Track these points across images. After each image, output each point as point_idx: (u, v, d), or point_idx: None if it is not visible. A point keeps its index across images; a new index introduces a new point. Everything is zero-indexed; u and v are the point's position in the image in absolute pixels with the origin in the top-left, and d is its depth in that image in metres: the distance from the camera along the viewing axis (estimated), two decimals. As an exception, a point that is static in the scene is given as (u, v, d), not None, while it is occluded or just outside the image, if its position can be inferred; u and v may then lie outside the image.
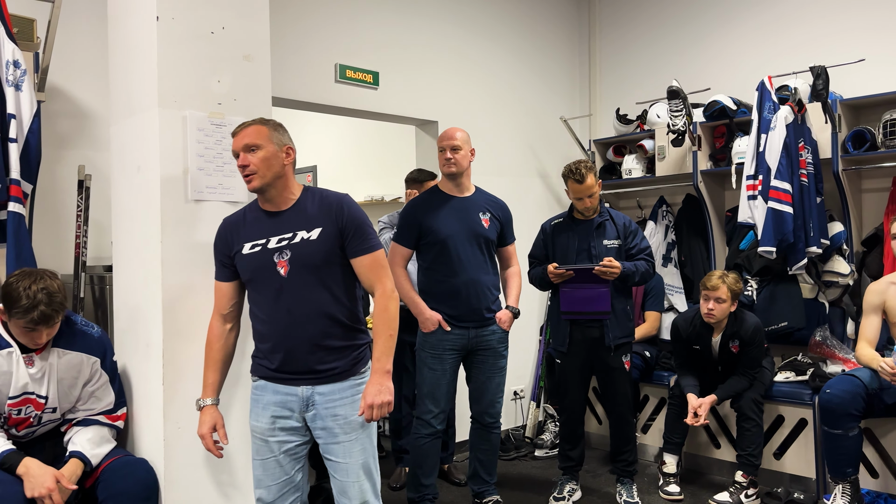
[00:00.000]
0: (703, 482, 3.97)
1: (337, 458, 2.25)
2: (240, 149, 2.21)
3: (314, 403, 2.24)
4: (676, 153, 4.51)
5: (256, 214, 2.29)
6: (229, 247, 2.28)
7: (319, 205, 2.25)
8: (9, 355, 2.37)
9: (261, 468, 2.30)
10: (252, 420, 2.32)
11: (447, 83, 4.56)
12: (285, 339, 2.22)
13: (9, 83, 2.66)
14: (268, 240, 2.22)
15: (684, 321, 3.84)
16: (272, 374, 2.26)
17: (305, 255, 2.19)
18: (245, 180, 2.22)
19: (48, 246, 3.11)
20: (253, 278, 2.24)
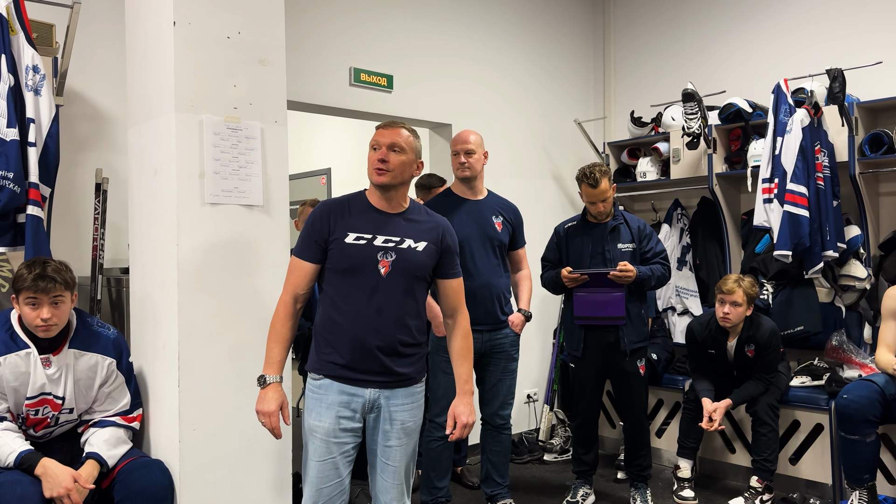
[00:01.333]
0: (718, 487, 3.94)
1: (388, 460, 2.29)
2: (385, 144, 2.24)
3: (379, 406, 2.26)
4: (691, 156, 4.49)
5: (365, 208, 2.29)
6: (330, 230, 2.25)
7: (428, 222, 2.35)
8: (27, 356, 2.40)
9: (317, 470, 2.23)
10: (313, 420, 2.25)
11: (461, 86, 4.57)
12: (368, 337, 2.21)
13: (28, 88, 2.70)
14: (374, 236, 2.24)
15: (699, 325, 3.82)
16: (340, 370, 2.22)
17: (409, 263, 2.25)
18: (377, 172, 2.24)
19: (66, 248, 3.14)
20: (350, 269, 2.23)
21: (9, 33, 2.65)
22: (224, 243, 2.63)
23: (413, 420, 2.33)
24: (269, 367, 2.25)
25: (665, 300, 4.66)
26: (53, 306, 2.37)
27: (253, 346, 2.66)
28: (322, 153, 6.49)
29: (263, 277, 2.72)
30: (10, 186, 2.61)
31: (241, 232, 2.68)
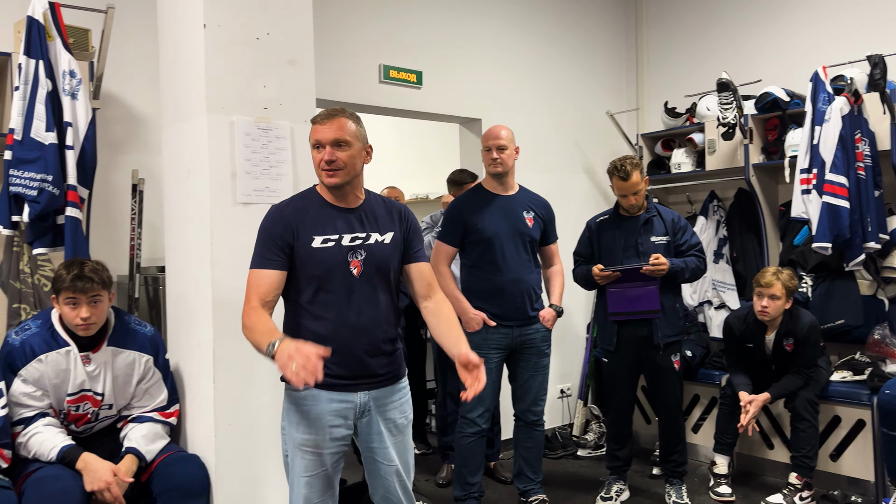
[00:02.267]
0: (756, 483, 3.88)
1: (387, 461, 2.22)
2: (327, 142, 2.08)
3: (370, 409, 2.17)
4: (727, 146, 4.41)
5: (322, 207, 2.16)
6: (292, 234, 2.10)
7: (386, 209, 2.24)
8: (67, 353, 2.47)
9: (308, 486, 2.13)
10: (301, 434, 2.12)
11: (490, 80, 4.55)
12: (353, 342, 2.11)
13: (65, 92, 2.76)
14: (341, 236, 2.12)
15: (737, 319, 3.76)
16: (330, 380, 2.07)
17: (379, 258, 2.15)
18: (327, 174, 2.10)
19: (105, 248, 3.21)
20: (322, 275, 2.11)
21: (46, 39, 2.72)
22: (256, 242, 2.67)
23: (403, 416, 2.25)
24: (269, 337, 1.94)
25: (701, 294, 4.59)
26: (92, 305, 2.43)
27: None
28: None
29: (295, 275, 2.74)
30: (50, 189, 2.68)
31: (273, 230, 2.70)
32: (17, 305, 2.89)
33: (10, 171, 2.68)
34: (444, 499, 3.63)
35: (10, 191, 2.69)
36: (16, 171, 2.67)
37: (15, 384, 2.42)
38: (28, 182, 2.67)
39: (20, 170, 2.67)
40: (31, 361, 2.42)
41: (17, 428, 2.42)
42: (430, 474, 4.15)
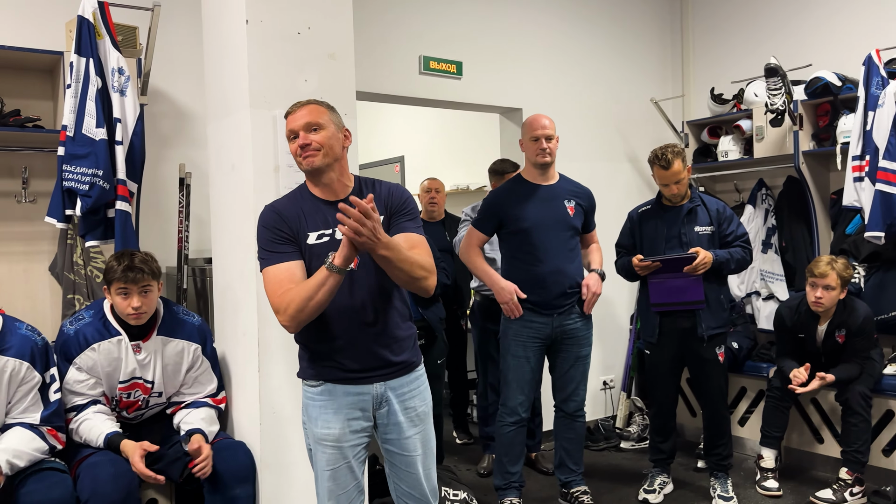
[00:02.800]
0: (805, 478, 3.80)
1: (408, 451, 2.17)
2: (300, 128, 2.05)
3: (387, 399, 2.13)
4: (776, 133, 4.30)
5: (313, 203, 2.11)
6: (294, 230, 2.06)
7: (375, 193, 2.14)
8: (119, 342, 2.56)
9: (332, 479, 2.11)
10: (320, 429, 2.11)
11: (531, 69, 4.52)
12: (361, 335, 2.08)
13: (114, 89, 2.84)
14: (333, 230, 2.06)
15: (788, 309, 3.68)
16: (343, 374, 2.08)
17: None
18: (305, 160, 2.05)
19: (154, 240, 3.31)
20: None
21: (96, 38, 2.80)
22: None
23: (423, 404, 2.20)
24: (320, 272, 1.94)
25: (749, 284, 4.50)
26: (142, 295, 2.51)
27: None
28: (395, 141, 6.57)
29: (336, 267, 2.78)
30: (100, 183, 2.77)
31: (314, 223, 2.74)
32: (71, 296, 3.01)
33: (63, 167, 2.77)
34: (485, 488, 3.65)
35: (63, 185, 2.78)
36: (68, 166, 2.77)
37: (70, 372, 2.52)
38: (80, 177, 2.76)
39: (72, 165, 2.76)
40: (84, 350, 2.52)
41: (71, 414, 2.52)
42: (472, 464, 4.17)
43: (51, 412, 2.42)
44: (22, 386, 2.37)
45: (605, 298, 4.76)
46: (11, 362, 2.34)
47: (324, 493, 2.14)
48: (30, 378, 2.38)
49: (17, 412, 2.38)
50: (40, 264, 3.21)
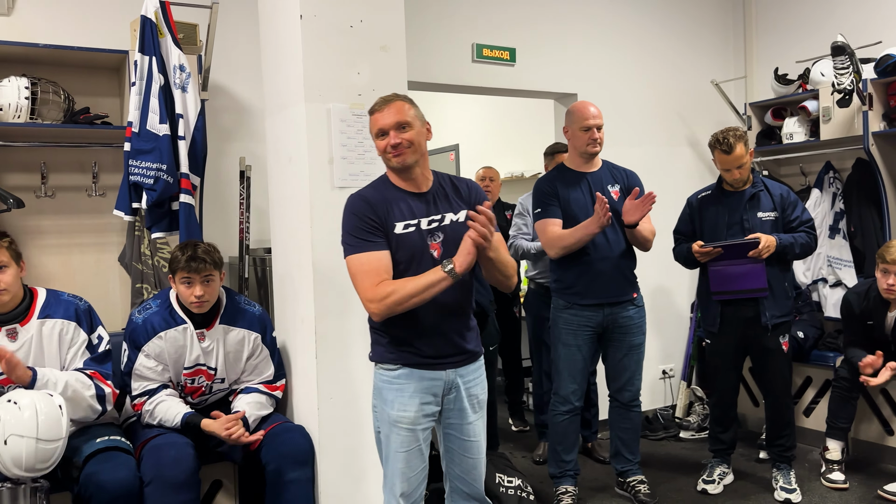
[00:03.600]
0: (873, 471, 3.67)
1: (471, 436, 2.26)
2: (390, 127, 2.13)
3: (457, 386, 2.22)
4: (843, 114, 4.13)
5: (397, 194, 2.18)
6: (382, 220, 2.13)
7: (454, 187, 2.25)
8: (184, 331, 2.66)
9: (404, 461, 2.19)
10: (396, 411, 2.18)
11: (585, 53, 4.46)
12: (441, 323, 2.17)
13: (176, 86, 2.95)
14: (419, 220, 2.16)
15: (856, 296, 3.56)
16: (418, 359, 2.17)
17: (457, 237, 2.13)
18: (396, 158, 2.13)
19: (217, 231, 3.42)
20: (407, 260, 2.14)
21: (158, 36, 2.91)
22: (353, 224, 2.76)
23: (484, 392, 2.31)
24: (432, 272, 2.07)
25: (815, 271, 4.36)
26: (205, 284, 2.61)
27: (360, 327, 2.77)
28: (449, 130, 6.57)
29: (390, 256, 2.81)
30: (164, 177, 2.88)
31: (368, 213, 2.79)
32: (139, 285, 3.14)
33: (130, 162, 2.89)
34: (540, 476, 3.65)
35: (129, 180, 2.91)
36: (134, 161, 2.89)
37: (139, 359, 2.64)
38: (145, 171, 2.88)
39: (138, 160, 2.88)
40: (152, 338, 2.64)
41: (143, 398, 2.65)
42: (527, 451, 4.18)
43: (94, 358, 2.59)
44: (72, 347, 2.56)
45: (664, 287, 4.70)
46: (60, 323, 2.54)
47: (396, 474, 2.20)
48: (77, 338, 2.57)
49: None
50: (110, 255, 3.36)
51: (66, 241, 3.31)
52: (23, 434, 2.16)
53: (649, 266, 4.37)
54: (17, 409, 2.19)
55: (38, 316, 2.51)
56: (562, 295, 3.26)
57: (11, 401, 2.22)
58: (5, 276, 2.42)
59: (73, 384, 2.46)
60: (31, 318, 2.50)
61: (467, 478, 2.30)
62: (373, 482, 2.79)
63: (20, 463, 2.18)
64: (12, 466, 2.18)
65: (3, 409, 2.20)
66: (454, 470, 2.30)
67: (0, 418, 2.19)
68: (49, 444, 2.21)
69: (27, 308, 2.51)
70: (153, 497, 2.40)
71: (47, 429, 2.20)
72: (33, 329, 2.49)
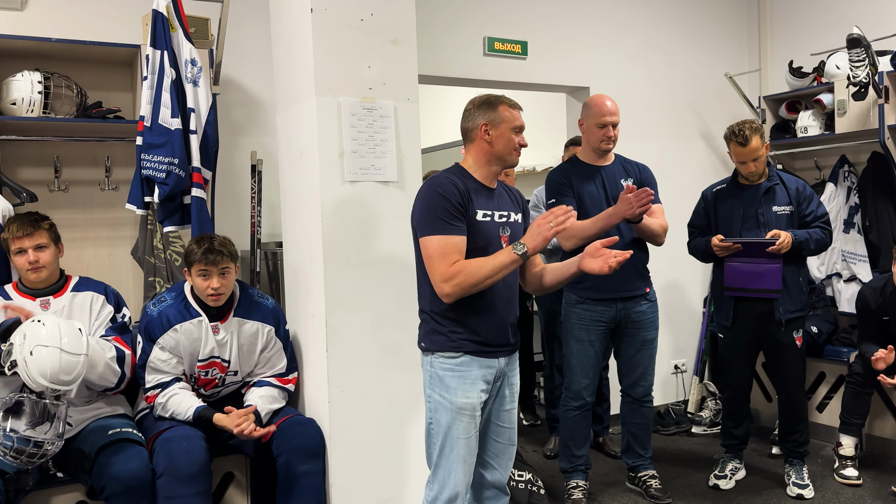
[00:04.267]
0: (887, 467, 3.64)
1: (506, 423, 2.38)
2: (523, 127, 2.33)
3: (504, 374, 2.34)
4: (859, 107, 4.08)
5: (475, 185, 2.29)
6: (466, 205, 2.22)
7: (509, 192, 2.43)
8: (199, 323, 2.68)
9: (466, 447, 2.24)
10: (461, 398, 2.22)
11: (598, 46, 4.43)
12: (504, 312, 2.28)
13: (188, 80, 2.95)
14: (493, 212, 2.30)
15: (872, 291, 3.52)
16: (479, 347, 2.25)
17: (517, 235, 2.31)
18: (517, 155, 2.32)
19: (229, 225, 3.43)
20: (485, 247, 2.23)
21: (169, 30, 2.91)
22: (363, 219, 2.77)
23: (518, 382, 2.43)
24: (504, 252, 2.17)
25: (829, 266, 4.32)
26: (221, 276, 2.62)
27: (392, 316, 2.79)
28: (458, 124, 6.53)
29: (400, 251, 2.82)
30: (176, 171, 2.89)
31: (379, 207, 2.79)
32: (152, 279, 3.15)
33: (142, 156, 2.91)
34: (551, 470, 3.65)
35: (142, 174, 2.92)
36: (146, 155, 2.90)
37: (154, 352, 2.65)
38: (157, 165, 2.89)
39: (150, 154, 2.89)
40: (167, 331, 2.65)
41: (156, 391, 2.66)
42: (538, 445, 4.18)
43: (115, 327, 2.73)
44: (98, 318, 2.71)
45: (677, 281, 4.67)
46: (90, 295, 2.71)
47: (457, 460, 2.23)
48: (104, 310, 2.72)
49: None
50: (123, 248, 3.38)
51: (79, 235, 3.33)
52: (47, 344, 2.25)
53: (662, 260, 4.33)
54: (41, 325, 2.30)
55: (71, 290, 2.69)
56: (574, 290, 3.25)
57: (35, 320, 2.34)
58: (44, 254, 2.60)
59: (93, 344, 2.51)
60: (64, 292, 2.67)
61: (494, 463, 2.38)
62: (385, 475, 2.80)
63: (45, 372, 2.24)
64: (38, 376, 2.24)
65: (28, 327, 2.31)
66: (482, 456, 2.36)
67: (26, 334, 2.29)
68: (72, 357, 2.28)
69: (62, 286, 2.69)
70: (165, 489, 2.42)
71: (70, 341, 2.29)
72: (65, 301, 2.66)
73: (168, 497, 2.43)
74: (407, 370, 2.77)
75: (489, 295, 2.23)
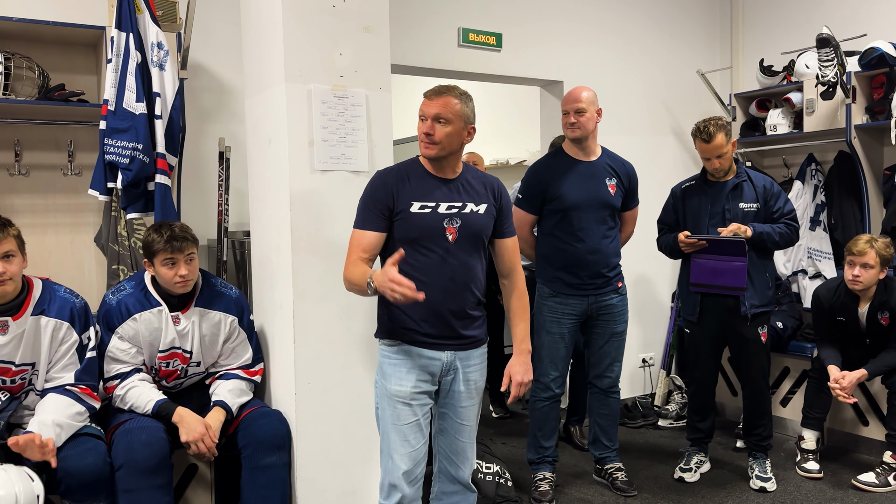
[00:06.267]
0: (847, 461, 3.71)
1: (465, 420, 2.36)
2: (430, 116, 2.22)
3: (455, 368, 2.31)
4: (827, 106, 4.14)
5: (422, 175, 2.29)
6: (392, 199, 2.24)
7: (482, 183, 2.36)
8: (159, 313, 2.62)
9: (401, 434, 2.26)
10: (393, 385, 2.27)
11: (572, 40, 4.43)
12: (444, 304, 2.25)
13: (154, 64, 2.88)
14: (438, 204, 2.26)
15: (827, 291, 3.57)
16: (418, 337, 2.26)
17: (473, 227, 2.28)
18: (424, 145, 2.25)
19: (195, 214, 3.37)
20: (419, 238, 2.24)
21: (135, 12, 2.84)
22: (333, 209, 2.73)
23: (482, 379, 2.40)
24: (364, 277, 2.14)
25: (795, 262, 4.38)
26: (188, 263, 2.57)
27: (361, 308, 2.76)
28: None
29: (370, 241, 2.78)
30: (140, 157, 2.82)
31: (349, 197, 2.73)
32: (115, 266, 3.09)
33: (105, 140, 2.83)
34: (518, 462, 3.65)
35: (105, 159, 2.84)
36: (110, 140, 2.82)
37: (112, 341, 2.59)
38: (121, 150, 2.82)
39: (113, 139, 2.82)
40: (126, 320, 2.59)
41: (115, 381, 2.60)
42: (507, 437, 4.19)
43: (83, 370, 2.49)
44: (62, 345, 2.45)
45: (646, 276, 4.70)
46: (52, 322, 2.43)
47: (394, 448, 2.26)
48: (69, 338, 2.46)
49: (55, 370, 2.46)
50: (86, 235, 3.31)
51: (40, 221, 3.25)
52: None
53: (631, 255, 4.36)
54: None
55: (32, 311, 2.40)
56: (547, 282, 3.26)
57: None
58: (12, 265, 2.31)
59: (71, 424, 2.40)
60: (24, 312, 2.38)
61: (455, 459, 2.39)
62: (351, 467, 2.78)
63: None
64: None
65: None
66: (444, 450, 2.39)
67: None
68: None
69: (22, 302, 2.39)
70: (124, 482, 2.37)
71: None
72: (25, 324, 2.38)
73: (127, 490, 2.37)
74: (374, 362, 2.73)
75: (421, 285, 2.13)
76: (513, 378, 2.37)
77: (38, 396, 2.46)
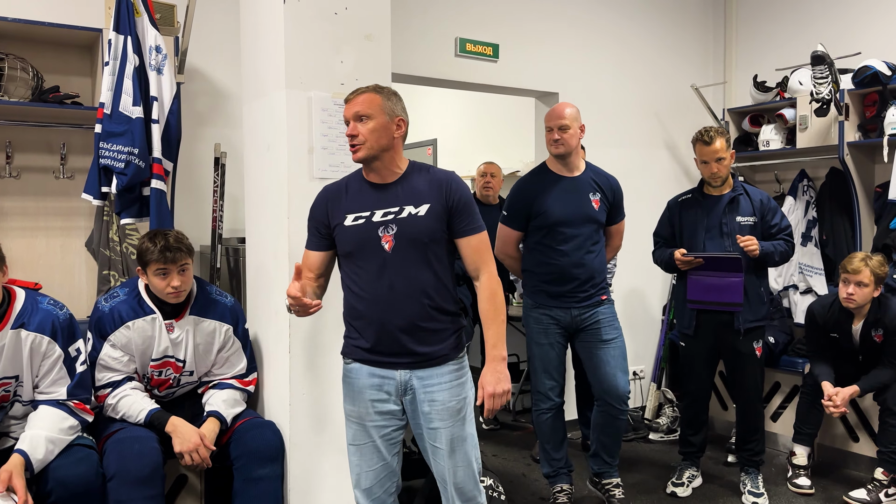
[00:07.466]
0: (838, 477, 3.72)
1: (436, 442, 2.18)
2: (350, 117, 2.12)
3: (412, 388, 2.16)
4: (820, 123, 4.18)
5: (360, 185, 2.19)
6: (328, 217, 2.19)
7: (428, 181, 2.17)
8: (152, 321, 2.58)
9: (357, 454, 2.22)
10: (346, 404, 2.23)
11: (569, 53, 4.44)
12: (385, 317, 2.11)
13: (151, 67, 2.85)
14: (372, 212, 2.13)
15: (821, 307, 3.59)
16: (367, 355, 2.17)
17: (412, 231, 2.11)
18: (351, 150, 2.13)
19: (189, 219, 3.33)
20: (354, 252, 2.15)
21: (134, 15, 2.81)
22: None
23: (456, 399, 2.16)
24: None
25: (787, 278, 4.41)
26: (181, 273, 2.52)
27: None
28: (427, 124, 6.52)
29: (368, 250, 2.76)
30: (136, 162, 2.78)
31: (347, 206, 2.73)
32: (106, 272, 3.04)
33: (100, 144, 2.79)
34: (511, 475, 3.63)
35: (100, 163, 2.80)
36: (105, 143, 2.78)
37: (104, 349, 2.54)
38: (116, 154, 2.77)
39: (109, 143, 2.78)
40: (119, 328, 2.54)
41: (106, 390, 2.55)
42: (500, 447, 4.16)
43: (75, 384, 2.42)
44: (45, 360, 2.37)
45: (637, 288, 4.71)
46: (32, 336, 2.33)
47: (351, 465, 2.26)
48: (51, 352, 2.37)
49: (44, 385, 2.40)
50: (77, 240, 3.25)
51: (30, 224, 3.19)
52: None
53: (622, 268, 4.38)
54: None
55: (13, 325, 2.30)
56: (531, 295, 3.25)
57: None
58: None
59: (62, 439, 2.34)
60: (4, 325, 2.29)
61: (441, 483, 2.25)
62: (345, 480, 2.73)
63: None
64: None
65: None
66: (436, 471, 2.25)
67: None
68: None
69: (2, 315, 2.30)
70: (116, 492, 2.32)
71: None
72: (5, 338, 2.29)
73: (119, 501, 2.32)
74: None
75: (361, 302, 2.13)
76: (484, 389, 2.12)
77: (25, 407, 2.40)
